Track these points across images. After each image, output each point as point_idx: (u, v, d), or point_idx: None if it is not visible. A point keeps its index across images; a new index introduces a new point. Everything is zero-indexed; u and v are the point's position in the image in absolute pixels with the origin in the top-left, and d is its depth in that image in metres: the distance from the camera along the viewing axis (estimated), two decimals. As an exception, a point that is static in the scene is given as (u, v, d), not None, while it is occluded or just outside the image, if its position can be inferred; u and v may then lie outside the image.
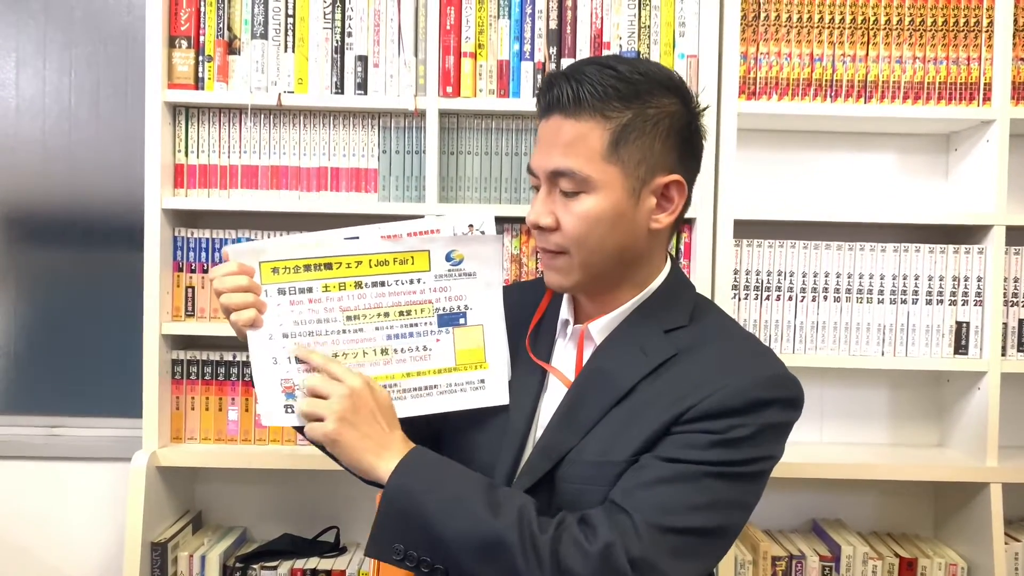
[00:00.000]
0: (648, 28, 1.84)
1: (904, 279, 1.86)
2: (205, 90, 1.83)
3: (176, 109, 1.86)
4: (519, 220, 1.84)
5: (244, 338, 1.09)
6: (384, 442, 1.02)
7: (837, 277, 1.86)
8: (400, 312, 1.09)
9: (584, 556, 0.93)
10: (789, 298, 1.86)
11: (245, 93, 1.83)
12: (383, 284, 1.08)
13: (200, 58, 1.83)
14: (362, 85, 1.84)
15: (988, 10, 1.84)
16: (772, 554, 1.84)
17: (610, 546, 0.93)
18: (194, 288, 1.86)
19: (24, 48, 2.11)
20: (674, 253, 1.65)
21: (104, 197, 2.11)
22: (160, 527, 1.84)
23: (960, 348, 1.86)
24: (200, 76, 1.83)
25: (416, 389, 1.11)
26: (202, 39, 1.83)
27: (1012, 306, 1.87)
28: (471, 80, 1.83)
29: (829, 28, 1.85)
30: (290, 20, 1.84)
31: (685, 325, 1.08)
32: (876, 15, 1.85)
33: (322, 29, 1.84)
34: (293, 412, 1.08)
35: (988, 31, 1.84)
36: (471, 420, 1.14)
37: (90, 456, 2.05)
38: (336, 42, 1.84)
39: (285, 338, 1.07)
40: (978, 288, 1.85)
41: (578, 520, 0.97)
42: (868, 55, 1.85)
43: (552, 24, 1.84)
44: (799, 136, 2.02)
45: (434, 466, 1.02)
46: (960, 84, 1.85)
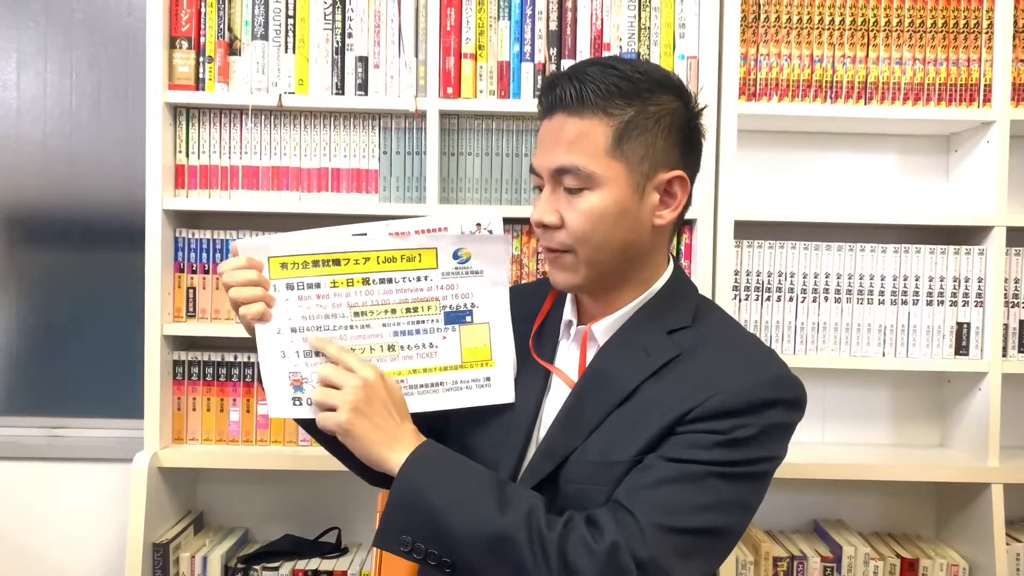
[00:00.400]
0: (648, 29, 1.85)
1: (905, 280, 1.86)
2: (206, 91, 1.83)
3: (177, 110, 1.86)
4: (520, 221, 1.84)
5: (252, 332, 1.10)
6: (396, 434, 1.03)
7: (838, 278, 1.86)
8: (407, 309, 1.10)
9: (591, 555, 0.94)
10: (790, 299, 1.86)
11: (246, 94, 1.83)
12: (390, 281, 1.09)
13: (201, 59, 1.83)
14: (363, 86, 1.84)
15: (988, 12, 1.84)
16: (773, 554, 1.84)
17: (616, 546, 0.94)
18: (195, 289, 1.86)
19: (25, 49, 2.11)
20: (675, 254, 1.66)
21: (105, 198, 2.11)
22: (162, 528, 1.84)
23: (961, 349, 1.86)
24: (201, 77, 1.83)
25: (422, 386, 1.12)
26: (203, 40, 1.83)
27: (1013, 307, 1.87)
28: (471, 81, 1.84)
29: (829, 29, 1.85)
30: (290, 21, 1.84)
31: (688, 326, 1.09)
32: (876, 16, 1.85)
33: (323, 30, 1.84)
34: (300, 405, 1.09)
35: (988, 32, 1.84)
36: (474, 420, 1.14)
37: (91, 457, 2.05)
38: (337, 43, 1.84)
39: (293, 332, 1.09)
40: (979, 289, 1.85)
41: (585, 519, 0.98)
42: (868, 56, 1.86)
43: (552, 25, 1.85)
44: (799, 137, 2.02)
45: (445, 460, 1.03)
46: (960, 85, 1.86)
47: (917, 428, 2.05)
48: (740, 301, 1.85)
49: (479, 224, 1.09)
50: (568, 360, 1.15)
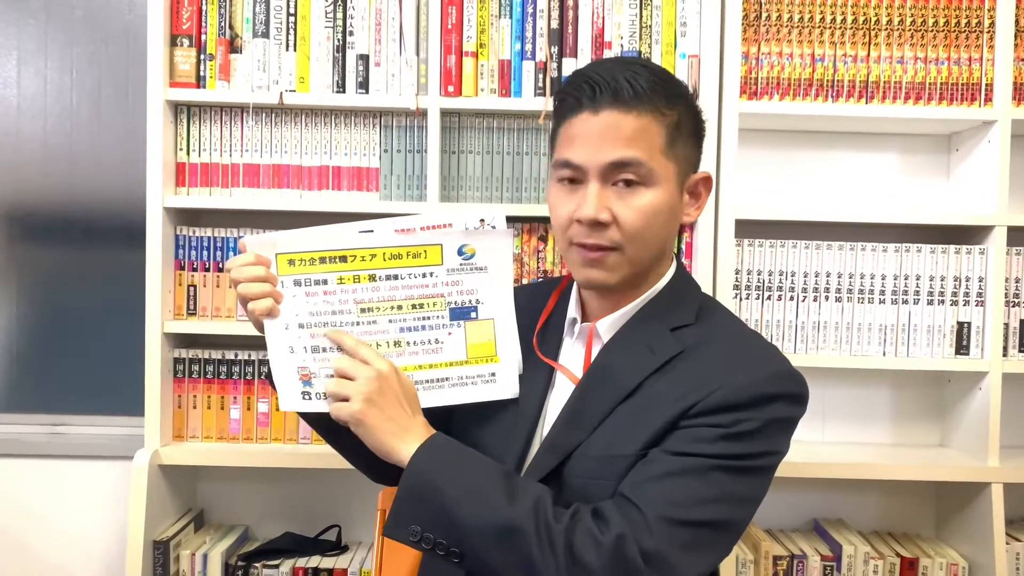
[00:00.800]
0: (649, 28, 1.84)
1: (905, 279, 1.86)
2: (207, 89, 1.83)
3: (178, 107, 1.86)
4: (520, 219, 1.84)
5: (260, 328, 1.11)
6: (407, 426, 1.04)
7: (839, 277, 1.86)
8: (413, 305, 1.11)
9: (597, 547, 0.95)
10: (791, 298, 1.86)
11: (247, 92, 1.83)
12: (396, 277, 1.10)
13: (202, 57, 1.83)
14: (364, 84, 1.84)
15: (989, 11, 1.84)
16: (773, 553, 1.84)
17: (622, 538, 0.94)
18: (196, 287, 1.86)
19: (25, 47, 2.11)
20: (676, 252, 1.66)
21: (106, 195, 2.11)
22: (162, 525, 1.84)
23: (961, 348, 1.86)
24: (202, 75, 1.83)
25: (428, 381, 1.12)
26: (204, 38, 1.83)
27: (1013, 306, 1.87)
28: (472, 79, 1.84)
29: (831, 28, 1.85)
30: (292, 19, 1.84)
31: (691, 323, 1.10)
32: (877, 15, 1.85)
33: (324, 28, 1.84)
34: (310, 399, 1.10)
35: (989, 32, 1.84)
36: (479, 416, 1.15)
37: (92, 454, 2.05)
38: (338, 41, 1.84)
39: (301, 328, 1.10)
40: (979, 288, 1.86)
41: (592, 512, 0.99)
42: (869, 55, 1.86)
43: (554, 24, 1.85)
44: (800, 136, 2.02)
45: (454, 452, 1.04)
46: (961, 85, 1.86)
47: (917, 427, 2.05)
48: (741, 300, 1.86)
49: (483, 220, 1.10)
50: (572, 357, 1.15)
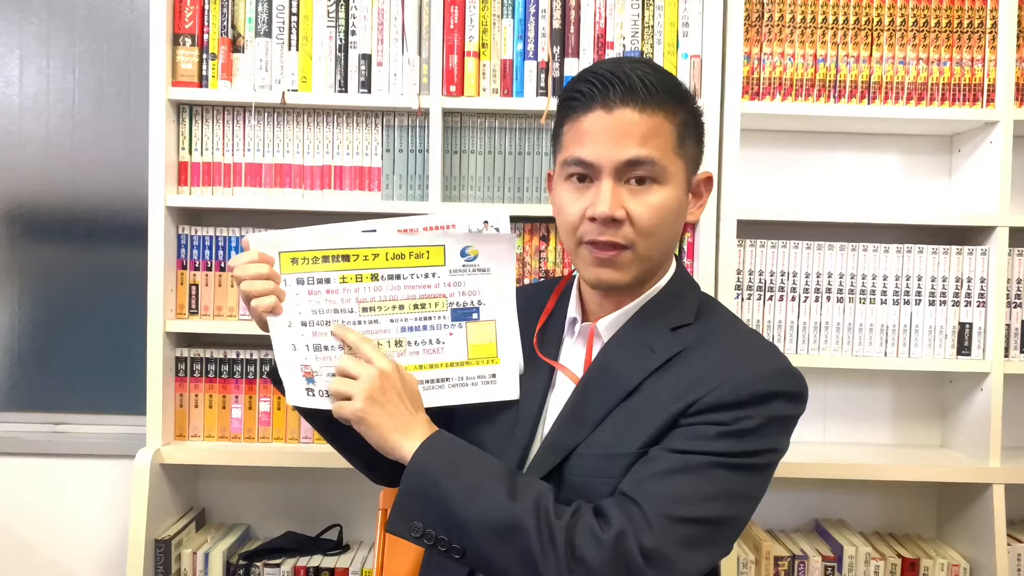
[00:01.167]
0: (651, 28, 1.84)
1: (907, 280, 1.86)
2: (209, 88, 1.83)
3: (180, 107, 1.86)
4: (522, 219, 1.84)
5: (262, 326, 1.12)
6: (409, 423, 1.05)
7: (840, 278, 1.86)
8: (415, 305, 1.11)
9: (598, 544, 0.95)
10: (792, 298, 1.86)
11: (249, 91, 1.83)
12: (399, 277, 1.10)
13: (204, 56, 1.83)
14: (366, 84, 1.84)
15: (992, 11, 1.84)
16: (774, 554, 1.84)
17: (622, 535, 0.95)
18: (198, 286, 1.86)
19: (27, 46, 2.11)
20: (677, 252, 1.66)
21: (108, 195, 2.11)
22: (163, 524, 1.85)
23: (963, 349, 1.86)
24: (204, 74, 1.83)
25: (428, 381, 1.13)
26: (206, 37, 1.83)
27: (1015, 307, 1.87)
28: (475, 79, 1.84)
29: (833, 29, 1.85)
30: (294, 18, 1.84)
31: (691, 323, 1.10)
32: (880, 16, 1.85)
33: (326, 27, 1.84)
34: (313, 395, 1.11)
35: (992, 32, 1.84)
36: (480, 416, 1.15)
37: (93, 453, 2.05)
38: (340, 40, 1.84)
39: (303, 326, 1.10)
40: (981, 289, 1.85)
41: (593, 510, 0.99)
42: (872, 56, 1.86)
43: (556, 24, 1.85)
44: (802, 136, 2.02)
45: (456, 449, 1.04)
46: (964, 85, 1.85)
47: (918, 428, 2.05)
48: (743, 300, 1.86)
49: (486, 222, 1.10)
50: (572, 357, 1.16)
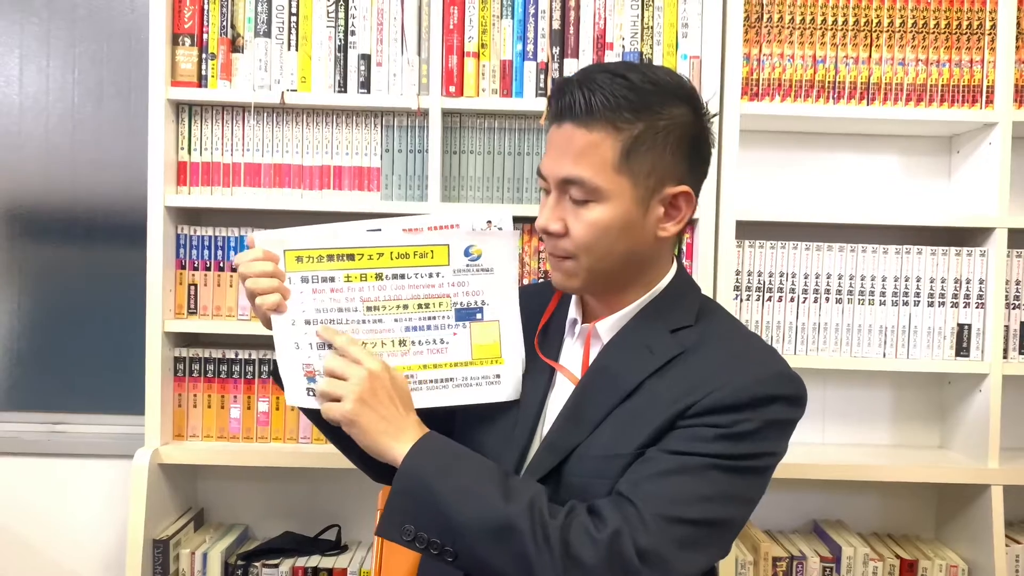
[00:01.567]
0: (651, 29, 1.84)
1: (906, 281, 1.86)
2: (208, 88, 1.83)
3: (179, 107, 1.86)
4: (522, 219, 1.84)
5: (266, 323, 1.11)
6: (400, 425, 1.04)
7: (839, 279, 1.86)
8: (419, 305, 1.11)
9: (593, 544, 0.95)
10: (791, 299, 1.86)
11: (248, 91, 1.83)
12: (403, 277, 1.10)
13: (203, 56, 1.83)
14: (365, 84, 1.84)
15: (991, 13, 1.84)
16: (773, 555, 1.84)
17: (618, 535, 0.95)
18: (197, 286, 1.86)
19: (27, 45, 2.11)
20: (677, 253, 1.66)
21: (107, 194, 2.11)
22: (162, 524, 1.84)
23: (962, 350, 1.86)
24: (203, 74, 1.83)
25: (432, 381, 1.13)
26: (205, 37, 1.83)
27: (1014, 309, 1.87)
28: (474, 80, 1.84)
29: (832, 30, 1.85)
30: (293, 18, 1.84)
31: (691, 325, 1.10)
32: (879, 17, 1.85)
33: (325, 28, 1.84)
34: (313, 395, 1.11)
35: (991, 34, 1.84)
36: (480, 416, 1.15)
37: (92, 453, 2.05)
38: (339, 41, 1.84)
39: (307, 324, 1.10)
40: (980, 290, 1.86)
41: (587, 509, 0.99)
42: (871, 57, 1.86)
43: (555, 24, 1.85)
44: (801, 137, 2.02)
45: (448, 451, 1.04)
46: (963, 86, 1.86)
47: (917, 429, 2.05)
48: (741, 301, 1.86)
49: (489, 221, 1.10)
50: (572, 358, 1.16)
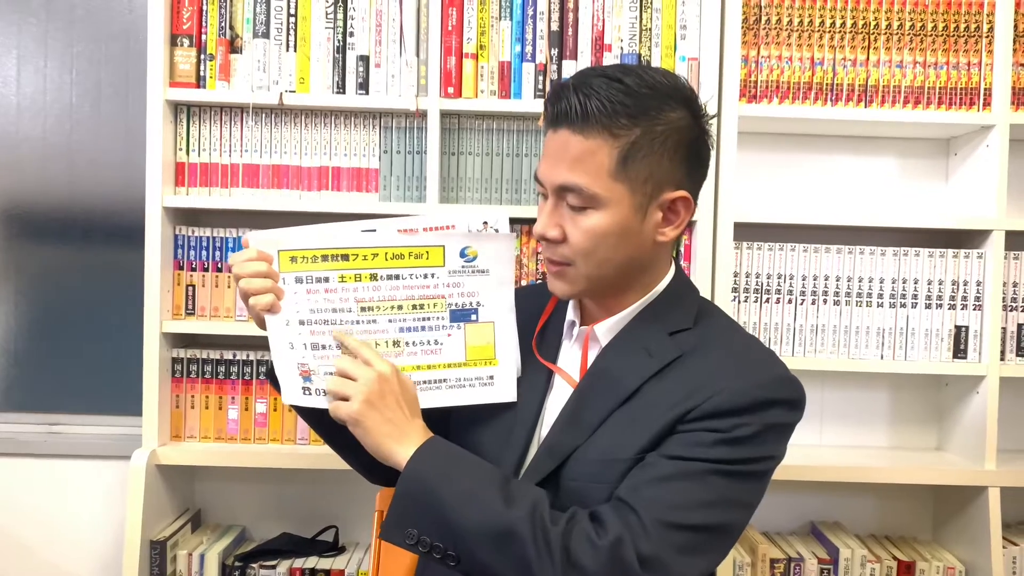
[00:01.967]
0: (649, 31, 1.85)
1: (904, 283, 1.86)
2: (207, 89, 1.83)
3: (178, 107, 1.86)
4: (520, 221, 1.84)
5: (260, 324, 1.11)
6: (405, 429, 1.04)
7: (837, 280, 1.86)
8: (413, 306, 1.11)
9: (594, 550, 0.95)
10: (789, 301, 1.86)
11: (247, 92, 1.83)
12: (398, 277, 1.10)
13: (202, 57, 1.83)
14: (364, 85, 1.84)
15: (988, 16, 1.85)
16: (770, 556, 1.85)
17: (619, 541, 0.95)
18: (195, 286, 1.86)
19: (25, 46, 2.11)
20: (675, 255, 1.66)
21: (105, 195, 2.11)
22: (159, 525, 1.84)
23: (959, 352, 1.86)
24: (202, 75, 1.83)
25: (426, 382, 1.13)
26: (204, 38, 1.83)
27: (1011, 311, 1.88)
28: (472, 81, 1.84)
29: (830, 32, 1.85)
30: (292, 19, 1.84)
31: (690, 327, 1.10)
32: (877, 19, 1.86)
33: (324, 29, 1.84)
34: (310, 394, 1.11)
35: (989, 36, 1.85)
36: (477, 419, 1.15)
37: (90, 454, 2.04)
38: (338, 42, 1.84)
39: (301, 325, 1.10)
40: (977, 292, 1.86)
41: (589, 515, 0.99)
42: (869, 59, 1.86)
43: (554, 26, 1.85)
44: (799, 139, 2.02)
45: (451, 455, 1.04)
46: (960, 89, 1.86)
47: (915, 431, 2.05)
48: (739, 303, 1.86)
49: (485, 222, 1.10)
50: (570, 360, 1.15)
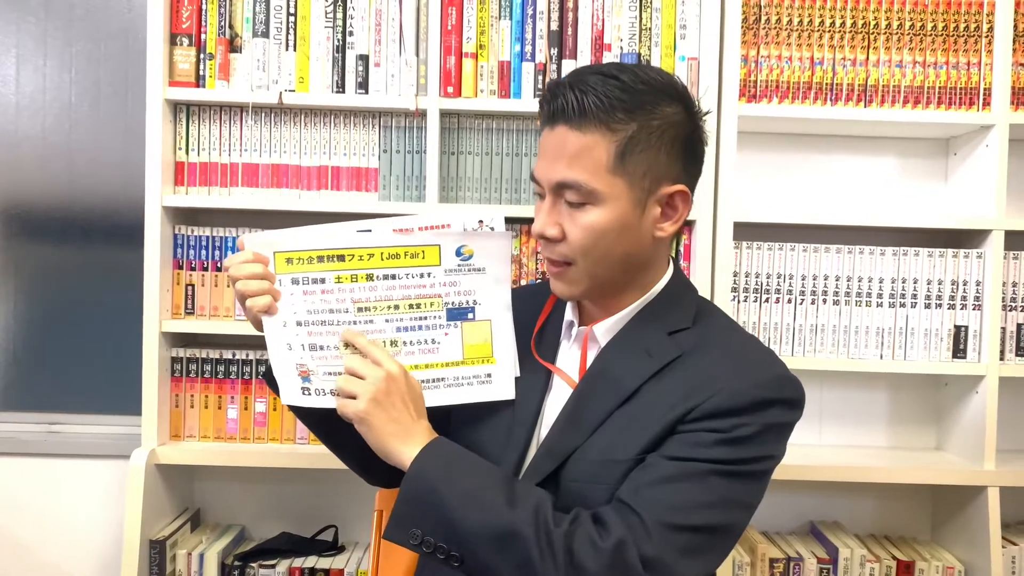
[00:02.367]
0: (649, 30, 1.85)
1: (903, 283, 1.86)
2: (206, 88, 1.83)
3: (177, 107, 1.86)
4: (519, 220, 1.84)
5: (257, 326, 1.12)
6: (410, 429, 1.05)
7: (836, 280, 1.86)
8: (410, 305, 1.11)
9: (597, 552, 0.95)
10: (788, 301, 1.86)
11: (246, 91, 1.83)
12: (394, 277, 1.10)
13: (201, 56, 1.83)
14: (363, 84, 1.84)
15: (988, 15, 1.85)
16: (770, 556, 1.85)
17: (622, 543, 0.95)
18: (194, 286, 1.86)
19: (24, 45, 2.11)
20: (673, 255, 1.66)
21: (104, 194, 2.11)
22: (159, 525, 1.84)
23: (959, 352, 1.86)
24: (201, 74, 1.83)
25: (424, 381, 1.13)
26: (203, 37, 1.83)
27: (1010, 310, 1.88)
28: (472, 80, 1.84)
29: (830, 32, 1.85)
30: (291, 19, 1.84)
31: (689, 327, 1.10)
32: (877, 19, 1.86)
33: (323, 28, 1.84)
34: (309, 394, 1.11)
35: (988, 36, 1.85)
36: (476, 419, 1.15)
37: (89, 453, 2.04)
38: (338, 41, 1.84)
39: (299, 326, 1.10)
40: (977, 292, 1.86)
41: (592, 517, 0.99)
42: (868, 59, 1.86)
43: (553, 25, 1.85)
44: (799, 139, 2.02)
45: (455, 456, 1.04)
46: (960, 88, 1.86)
47: (914, 431, 2.05)
48: (739, 302, 1.86)
49: (481, 221, 1.10)
50: (569, 360, 1.15)
